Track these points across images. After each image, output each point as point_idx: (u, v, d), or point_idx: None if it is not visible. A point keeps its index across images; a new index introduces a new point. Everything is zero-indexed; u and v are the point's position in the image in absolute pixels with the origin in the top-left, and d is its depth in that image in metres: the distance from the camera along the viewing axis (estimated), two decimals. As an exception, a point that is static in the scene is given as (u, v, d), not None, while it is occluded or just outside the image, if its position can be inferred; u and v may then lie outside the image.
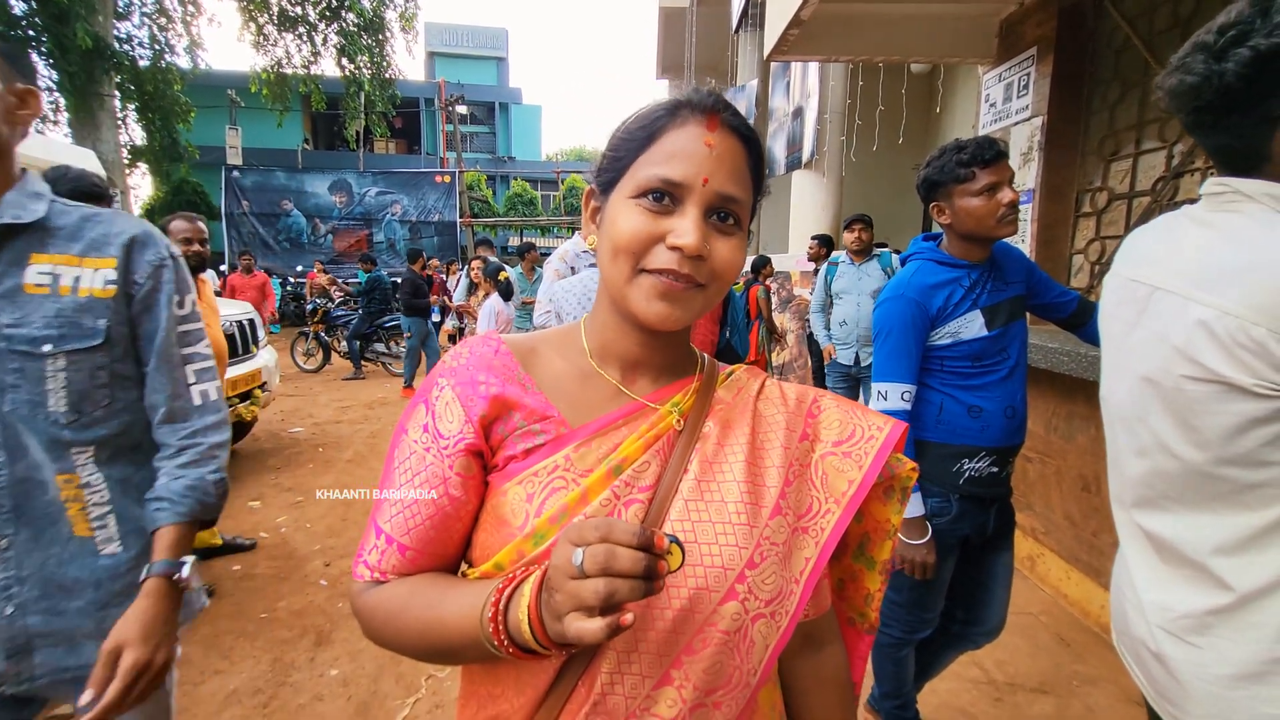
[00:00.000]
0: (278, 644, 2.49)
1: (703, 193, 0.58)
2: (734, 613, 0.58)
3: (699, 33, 9.33)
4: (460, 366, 0.64)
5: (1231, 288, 0.77)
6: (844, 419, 0.68)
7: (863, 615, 0.75)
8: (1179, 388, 0.82)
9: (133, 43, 11.65)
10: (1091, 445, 2.68)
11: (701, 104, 0.60)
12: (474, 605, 0.54)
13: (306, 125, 21.43)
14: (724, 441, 0.64)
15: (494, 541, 0.60)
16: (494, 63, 26.20)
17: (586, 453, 0.61)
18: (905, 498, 0.70)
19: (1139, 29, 2.73)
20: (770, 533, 0.61)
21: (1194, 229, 0.86)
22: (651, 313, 0.58)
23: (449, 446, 0.61)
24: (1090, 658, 2.44)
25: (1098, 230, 2.98)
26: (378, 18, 13.95)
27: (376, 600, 0.61)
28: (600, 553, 0.44)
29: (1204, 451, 0.81)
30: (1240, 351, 0.75)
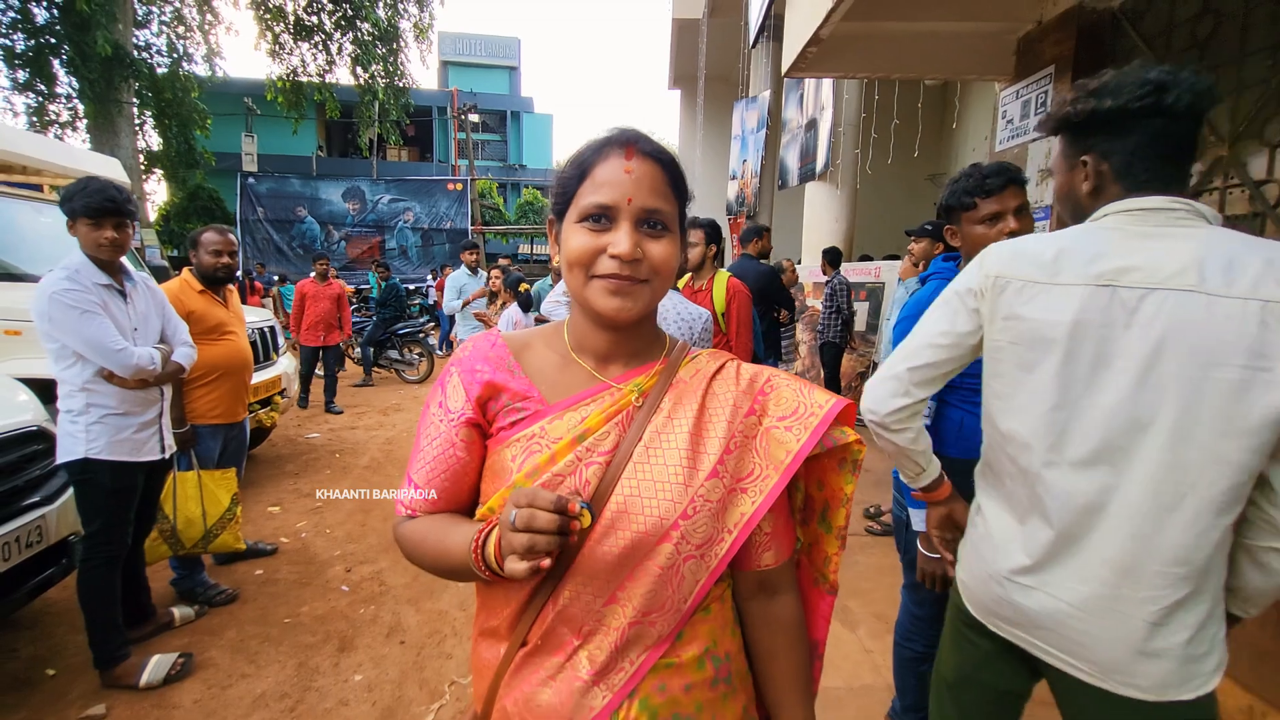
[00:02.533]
0: (302, 649, 2.52)
1: (629, 210, 0.72)
2: (668, 553, 0.72)
3: (711, 44, 9.41)
4: (465, 357, 0.81)
5: (1272, 288, 0.88)
6: (791, 397, 0.78)
7: (823, 576, 0.85)
8: (1254, 380, 0.88)
9: (151, 50, 11.86)
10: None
11: (619, 139, 0.74)
12: (465, 539, 0.72)
13: (321, 133, 21.66)
14: (673, 415, 0.77)
15: (490, 490, 0.77)
16: (506, 72, 26.42)
17: (558, 424, 0.76)
18: (856, 469, 0.79)
19: (1156, 49, 2.75)
20: (705, 491, 0.73)
21: (1174, 240, 0.94)
22: (609, 307, 0.73)
23: (454, 419, 0.78)
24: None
25: (1115, 247, 3.00)
26: (392, 27, 14.14)
27: (408, 530, 0.81)
28: (524, 514, 0.61)
29: (1243, 439, 0.90)
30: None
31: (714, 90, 10.83)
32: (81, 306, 2.08)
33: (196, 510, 2.67)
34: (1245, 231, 0.98)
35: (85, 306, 2.09)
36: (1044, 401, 1.00)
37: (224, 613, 2.77)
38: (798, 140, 7.97)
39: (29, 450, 2.27)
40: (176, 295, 2.73)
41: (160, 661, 2.27)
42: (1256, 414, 0.88)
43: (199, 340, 2.64)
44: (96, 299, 2.13)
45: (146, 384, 2.25)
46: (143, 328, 2.33)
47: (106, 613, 2.24)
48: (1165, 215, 0.96)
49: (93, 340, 2.10)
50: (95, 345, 2.10)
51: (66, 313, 2.06)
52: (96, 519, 2.21)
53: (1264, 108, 2.29)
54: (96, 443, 2.16)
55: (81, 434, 2.14)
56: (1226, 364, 0.89)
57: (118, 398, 2.19)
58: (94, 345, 2.10)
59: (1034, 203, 3.27)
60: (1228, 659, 1.02)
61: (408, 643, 2.59)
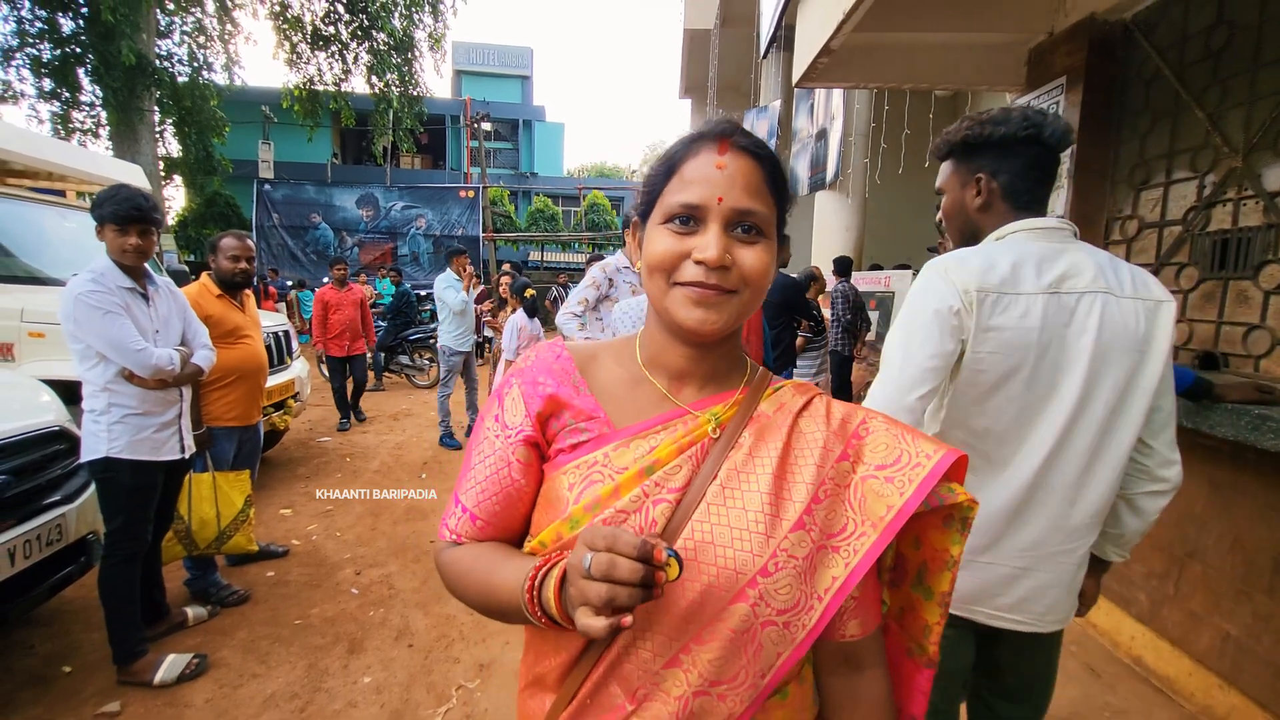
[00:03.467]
0: (312, 650, 2.55)
1: (720, 210, 0.64)
2: (743, 614, 0.62)
3: (723, 54, 9.46)
4: (527, 368, 0.74)
5: (1156, 288, 1.16)
6: (891, 443, 0.68)
7: (921, 647, 0.73)
8: (1144, 361, 1.12)
9: (173, 60, 12.08)
10: (1122, 473, 2.67)
11: (712, 132, 0.66)
12: (517, 578, 0.63)
13: (336, 140, 21.93)
14: (755, 452, 0.68)
15: (542, 521, 0.69)
16: (519, 81, 26.66)
17: (624, 452, 0.68)
18: (966, 528, 0.68)
19: (1169, 60, 2.75)
20: (789, 545, 0.63)
21: (1078, 253, 1.14)
22: (691, 319, 0.65)
23: (512, 436, 0.71)
24: (1121, 689, 2.42)
25: (1128, 258, 2.98)
26: (407, 37, 14.32)
27: (451, 559, 0.73)
28: (604, 560, 0.51)
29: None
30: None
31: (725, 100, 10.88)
32: (105, 308, 2.13)
33: (211, 511, 2.71)
34: (1259, 243, 1.09)
35: (108, 308, 2.14)
36: (1018, 399, 1.13)
37: (236, 613, 2.80)
38: (808, 149, 7.99)
39: (50, 450, 2.32)
40: (195, 299, 2.78)
41: (175, 661, 2.30)
42: (1143, 389, 1.13)
43: (216, 344, 2.69)
44: (119, 301, 2.19)
45: (166, 384, 2.30)
46: (164, 330, 2.38)
47: (126, 609, 2.28)
48: (1060, 233, 1.17)
49: (114, 340, 2.15)
50: (116, 345, 2.15)
51: (90, 313, 2.12)
52: (118, 516, 2.25)
53: (1278, 118, 2.28)
54: (118, 442, 2.20)
55: (104, 433, 2.19)
56: (1130, 351, 1.12)
57: (138, 398, 2.24)
58: (115, 345, 2.15)
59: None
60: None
61: (416, 646, 2.61)
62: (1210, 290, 2.56)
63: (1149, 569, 2.52)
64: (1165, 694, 2.38)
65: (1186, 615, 2.35)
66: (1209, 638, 2.25)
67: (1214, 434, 1.99)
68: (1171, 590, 2.41)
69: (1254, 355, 2.37)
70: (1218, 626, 2.22)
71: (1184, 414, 2.06)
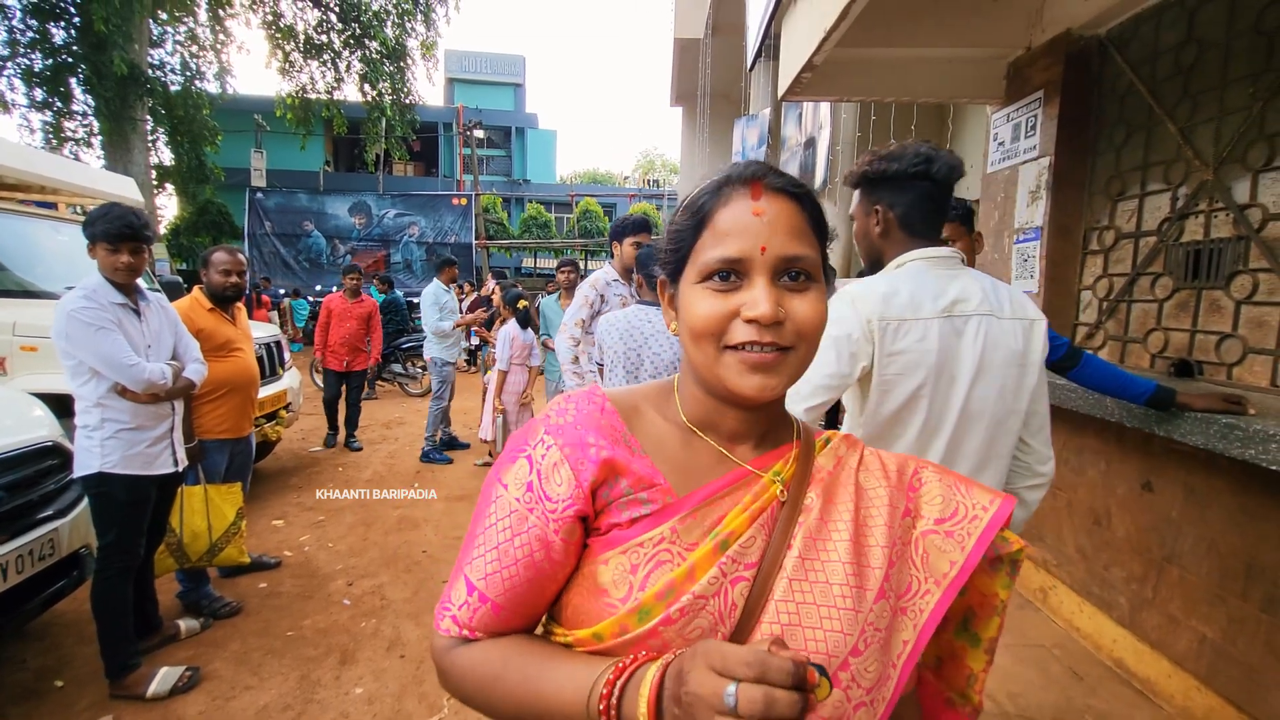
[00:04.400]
0: (304, 661, 2.56)
1: (764, 261, 0.58)
2: (836, 701, 0.55)
3: (713, 62, 9.54)
4: (568, 425, 0.62)
5: (1031, 308, 1.34)
6: (946, 494, 0.65)
7: (964, 697, 0.69)
8: (1025, 373, 1.30)
9: (165, 69, 12.10)
10: (1103, 479, 2.72)
11: (742, 176, 0.61)
12: (579, 688, 0.53)
13: (328, 148, 21.94)
14: (826, 516, 0.62)
15: (592, 609, 0.59)
16: (511, 88, 26.76)
17: (692, 525, 0.59)
18: (1015, 570, 0.66)
19: (1142, 75, 2.82)
20: (874, 618, 0.58)
21: (966, 279, 1.31)
22: (750, 386, 0.58)
23: (556, 510, 0.59)
24: (1103, 692, 2.46)
25: (1105, 268, 3.05)
26: (400, 45, 14.38)
27: (468, 663, 0.60)
28: (759, 697, 0.42)
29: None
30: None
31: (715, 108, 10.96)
32: (97, 323, 2.16)
33: (202, 524, 2.73)
34: (1230, 254, 1.19)
35: (100, 323, 2.17)
36: (923, 412, 1.27)
37: (228, 625, 2.82)
38: (797, 157, 8.07)
39: (43, 465, 2.34)
40: (187, 313, 2.80)
41: (168, 673, 2.32)
42: (1025, 396, 1.30)
43: (208, 357, 2.72)
44: (112, 316, 2.22)
45: (158, 399, 2.32)
46: (156, 344, 2.40)
47: (119, 622, 2.29)
48: (951, 261, 1.32)
49: (106, 355, 2.18)
50: (109, 360, 2.18)
51: (83, 329, 2.14)
52: (111, 530, 2.27)
53: (1246, 133, 2.35)
54: (111, 456, 2.23)
55: (97, 448, 2.21)
56: (1012, 365, 1.28)
57: (131, 412, 2.26)
58: (108, 360, 2.18)
59: (1024, 224, 3.33)
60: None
61: (408, 656, 2.63)
62: (1184, 299, 2.62)
63: (1129, 573, 2.57)
64: (1146, 696, 2.42)
65: (1165, 619, 2.39)
66: (1187, 640, 2.29)
67: (1186, 442, 2.05)
68: (1150, 594, 2.46)
69: (1227, 363, 2.43)
70: (1195, 629, 2.26)
71: (1157, 423, 2.11)
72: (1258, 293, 2.32)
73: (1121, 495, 2.61)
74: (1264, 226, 2.29)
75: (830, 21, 2.58)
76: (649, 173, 39.45)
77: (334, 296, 5.85)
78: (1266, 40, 2.29)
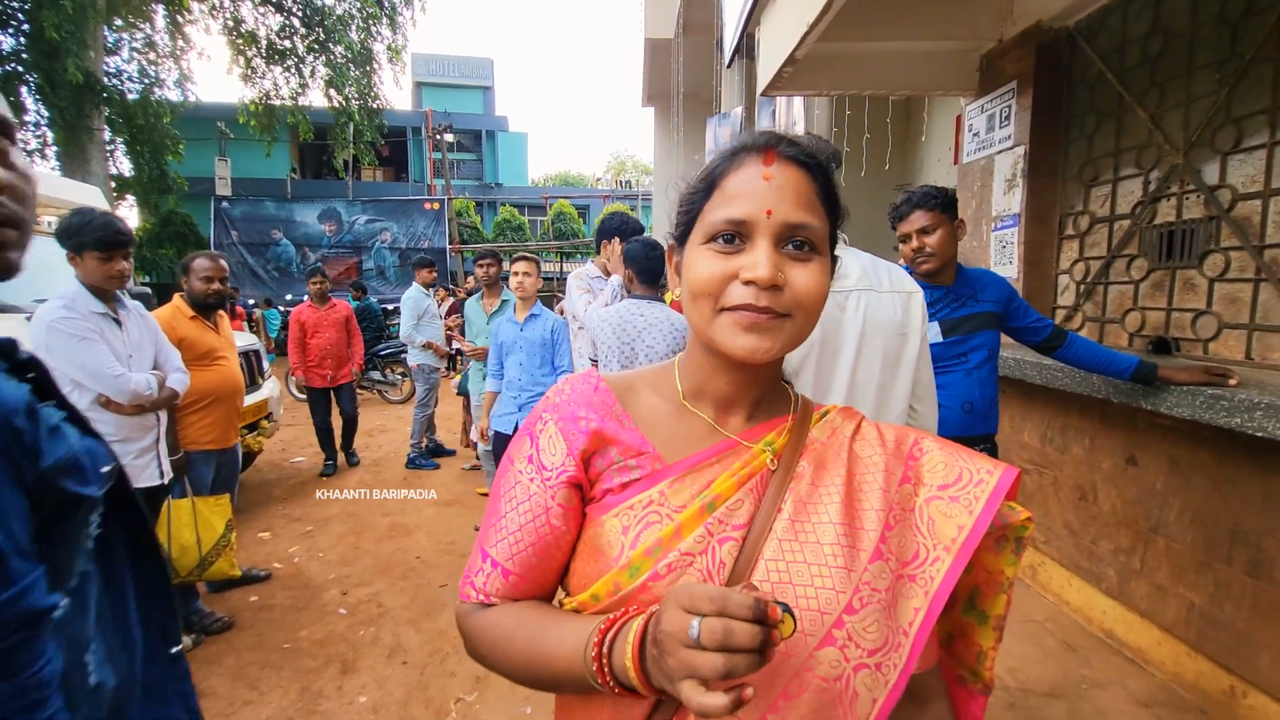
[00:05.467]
0: (304, 673, 2.51)
1: (769, 225, 0.59)
2: (832, 659, 0.56)
3: (684, 62, 9.59)
4: (563, 402, 0.68)
5: (909, 283, 1.41)
6: (949, 462, 0.65)
7: (975, 674, 0.70)
8: (906, 342, 1.37)
9: (122, 77, 11.74)
10: (1087, 456, 2.80)
11: (756, 142, 0.62)
12: (576, 641, 0.56)
13: (294, 155, 21.49)
14: (818, 481, 0.64)
15: (591, 571, 0.63)
16: (480, 91, 26.54)
17: (680, 488, 0.62)
18: (1020, 549, 0.67)
19: (1111, 64, 2.92)
20: (870, 578, 0.59)
21: (845, 258, 1.37)
22: (741, 347, 0.59)
23: (552, 479, 0.64)
24: (1096, 661, 2.54)
25: (1081, 252, 3.14)
26: (365, 50, 14.16)
27: (484, 624, 0.65)
28: (718, 628, 0.44)
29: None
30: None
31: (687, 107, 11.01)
32: (80, 334, 2.10)
33: (191, 537, 2.66)
34: (1202, 234, 1.15)
35: (83, 334, 2.10)
36: (808, 384, 1.33)
37: (221, 641, 2.74)
38: (773, 154, 8.14)
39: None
40: (169, 321, 2.73)
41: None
42: (906, 363, 1.38)
43: (191, 366, 2.65)
44: (94, 326, 2.15)
45: (143, 409, 2.26)
46: (137, 354, 2.33)
47: None
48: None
49: (90, 366, 2.11)
50: (93, 371, 2.11)
51: (65, 340, 2.07)
52: None
53: (1213, 118, 2.44)
54: None
55: None
56: (893, 335, 1.35)
57: (115, 424, 2.19)
58: (92, 371, 2.11)
59: (1001, 212, 3.42)
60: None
61: (410, 663, 2.59)
62: (1160, 279, 2.72)
63: (1116, 545, 2.65)
64: (1137, 664, 2.50)
65: (1153, 588, 2.47)
66: (1175, 608, 2.38)
67: (1171, 414, 2.12)
68: (1138, 565, 2.54)
69: (1202, 339, 2.52)
70: (1183, 597, 2.34)
71: (1144, 396, 2.19)
72: (1230, 270, 2.41)
73: (1107, 470, 2.69)
74: (1234, 206, 2.38)
75: (813, 15, 2.62)
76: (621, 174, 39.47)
77: (302, 307, 5.23)
78: (1230, 28, 2.38)
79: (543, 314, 3.40)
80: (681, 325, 2.44)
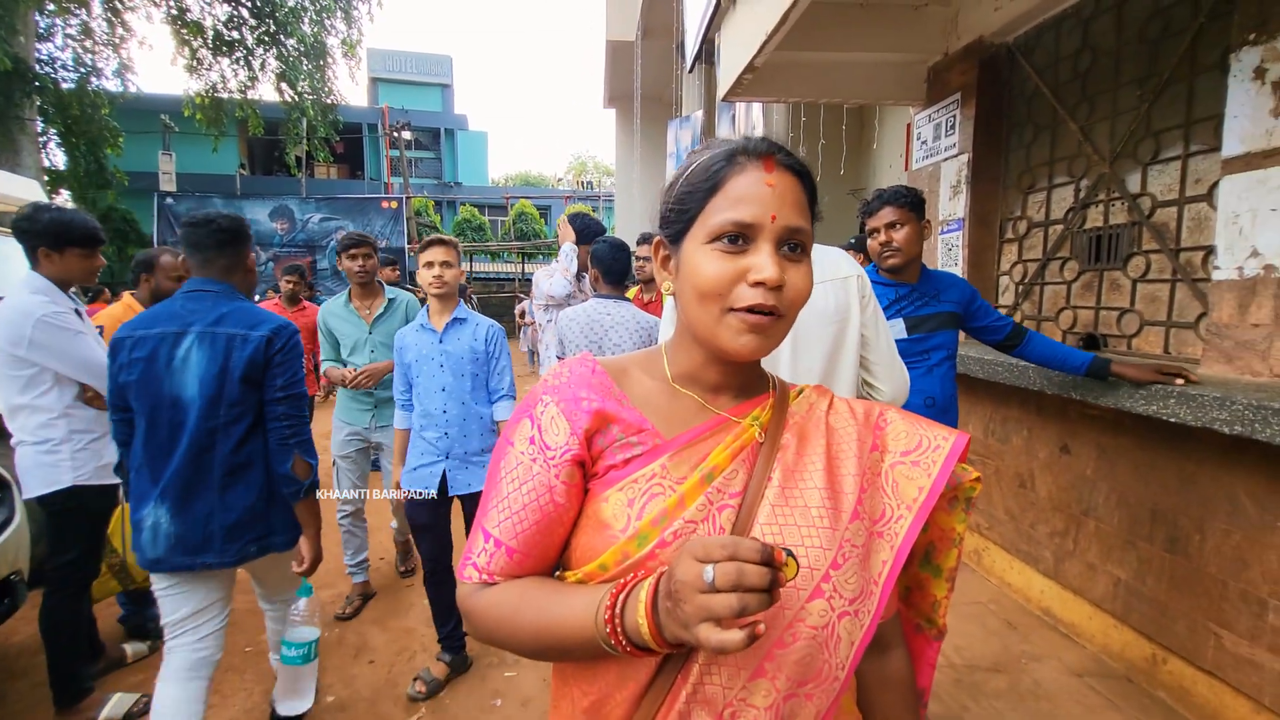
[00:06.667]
0: (268, 676, 2.48)
1: (772, 229, 0.63)
2: (821, 610, 0.63)
3: (645, 65, 9.69)
4: (563, 384, 0.71)
5: (845, 267, 1.46)
6: (910, 430, 0.73)
7: (930, 621, 0.80)
8: (845, 327, 1.44)
9: (55, 65, 11.18)
10: (1025, 446, 2.99)
11: (757, 149, 0.66)
12: (587, 608, 0.60)
13: (243, 150, 20.79)
14: (802, 451, 0.70)
15: (597, 543, 0.66)
16: (439, 89, 26.14)
17: (680, 462, 0.67)
18: (969, 507, 0.76)
19: (1046, 79, 3.12)
20: (850, 535, 0.66)
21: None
22: (744, 347, 0.64)
23: (555, 457, 0.67)
24: (1035, 638, 2.71)
25: (1020, 254, 3.34)
26: (319, 43, 13.82)
27: (487, 603, 0.67)
28: (731, 570, 0.48)
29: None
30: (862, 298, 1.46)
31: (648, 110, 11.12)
32: (72, 328, 2.07)
33: (146, 542, 2.58)
34: (1125, 238, 1.26)
35: (76, 327, 2.08)
36: None
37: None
38: (733, 158, 8.29)
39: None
40: (120, 320, 2.64)
41: (121, 699, 2.20)
42: (849, 348, 1.44)
43: (147, 366, 2.58)
44: (77, 320, 2.12)
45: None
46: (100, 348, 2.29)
47: (75, 643, 2.19)
48: None
49: (87, 360, 2.08)
50: (90, 365, 2.08)
51: (57, 335, 2.03)
52: (75, 547, 2.16)
53: (1136, 130, 2.65)
54: (84, 469, 2.13)
55: (67, 462, 2.09)
56: (828, 324, 1.41)
57: (96, 420, 2.17)
58: (88, 365, 2.08)
59: (948, 216, 3.60)
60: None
61: (377, 662, 2.59)
62: (1089, 280, 2.92)
63: (1052, 529, 2.84)
64: (1071, 638, 2.69)
65: (1085, 566, 2.66)
66: (1104, 584, 2.56)
67: (1099, 404, 2.30)
68: (1071, 546, 2.73)
69: (1127, 335, 2.73)
70: (1110, 573, 2.53)
71: (1073, 388, 2.36)
72: (1150, 272, 2.62)
73: (1043, 459, 2.88)
74: (1153, 213, 2.59)
75: (771, 25, 2.73)
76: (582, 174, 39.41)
77: (268, 305, 4.75)
78: (1150, 47, 2.59)
79: (470, 318, 2.46)
80: (647, 324, 2.51)
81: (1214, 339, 2.16)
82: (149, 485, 1.70)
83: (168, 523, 1.69)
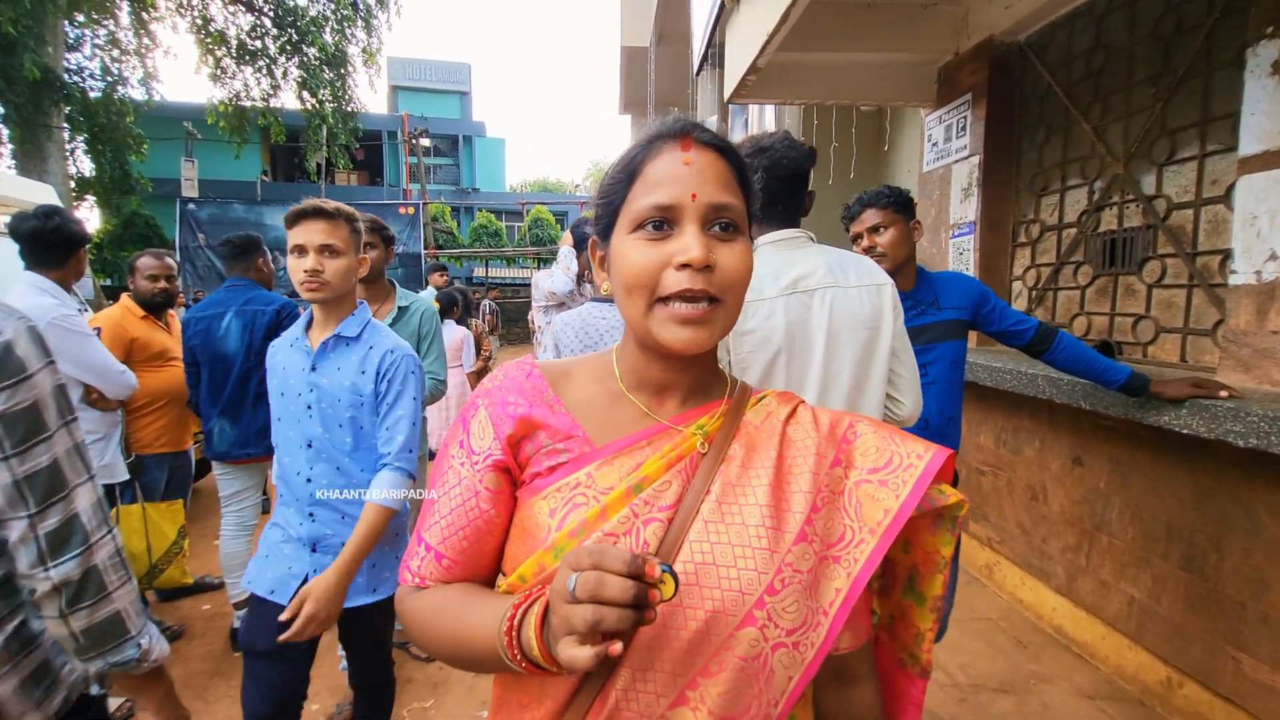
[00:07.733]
0: (255, 681, 2.46)
1: (695, 208, 0.60)
2: (751, 639, 0.57)
3: (660, 70, 9.67)
4: (495, 388, 0.69)
5: (879, 275, 1.40)
6: (881, 445, 0.66)
7: (913, 657, 0.72)
8: (878, 335, 1.36)
9: (84, 74, 11.46)
10: (1037, 457, 2.88)
11: (671, 130, 0.63)
12: (494, 620, 0.56)
13: (265, 157, 21.17)
14: (748, 464, 0.64)
15: (520, 554, 0.64)
16: (457, 96, 26.45)
17: (608, 471, 0.63)
18: (956, 528, 0.68)
19: (1058, 78, 3.02)
20: (793, 559, 0.59)
21: (811, 257, 1.37)
22: (677, 340, 0.60)
23: (479, 462, 0.65)
24: (1045, 658, 2.60)
25: (1033, 258, 3.24)
26: (340, 52, 14.03)
27: (415, 606, 0.66)
28: (590, 579, 0.45)
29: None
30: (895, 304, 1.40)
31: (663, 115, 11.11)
32: (83, 330, 2.12)
33: (141, 544, 2.59)
34: (1141, 241, 1.16)
35: (85, 330, 2.12)
36: (780, 383, 1.32)
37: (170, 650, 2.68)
38: (744, 162, 8.26)
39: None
40: (119, 322, 2.67)
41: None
42: (880, 356, 1.37)
43: (144, 368, 2.60)
44: (84, 323, 2.16)
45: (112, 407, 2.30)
46: None
47: None
48: (797, 241, 1.40)
49: (97, 363, 2.12)
50: (100, 368, 2.12)
51: (70, 338, 2.06)
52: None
53: (1150, 130, 2.55)
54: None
55: None
56: (861, 329, 1.34)
57: (99, 421, 2.22)
58: (98, 368, 2.12)
59: (959, 219, 3.51)
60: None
61: (366, 668, 2.56)
62: (1104, 285, 2.82)
63: (1064, 544, 2.72)
64: (1083, 658, 2.57)
65: (1098, 584, 2.55)
66: (1118, 603, 2.45)
67: (1110, 415, 2.20)
68: (1084, 562, 2.62)
69: (1142, 343, 2.62)
70: (1125, 592, 2.42)
71: (1084, 397, 2.26)
72: (1166, 276, 2.51)
73: (1055, 471, 2.77)
74: (1169, 215, 2.48)
75: (772, 25, 2.68)
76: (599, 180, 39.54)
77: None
78: (1163, 44, 2.49)
79: (369, 336, 1.63)
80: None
81: (1231, 346, 2.05)
82: (212, 408, 2.52)
83: (227, 429, 2.52)
